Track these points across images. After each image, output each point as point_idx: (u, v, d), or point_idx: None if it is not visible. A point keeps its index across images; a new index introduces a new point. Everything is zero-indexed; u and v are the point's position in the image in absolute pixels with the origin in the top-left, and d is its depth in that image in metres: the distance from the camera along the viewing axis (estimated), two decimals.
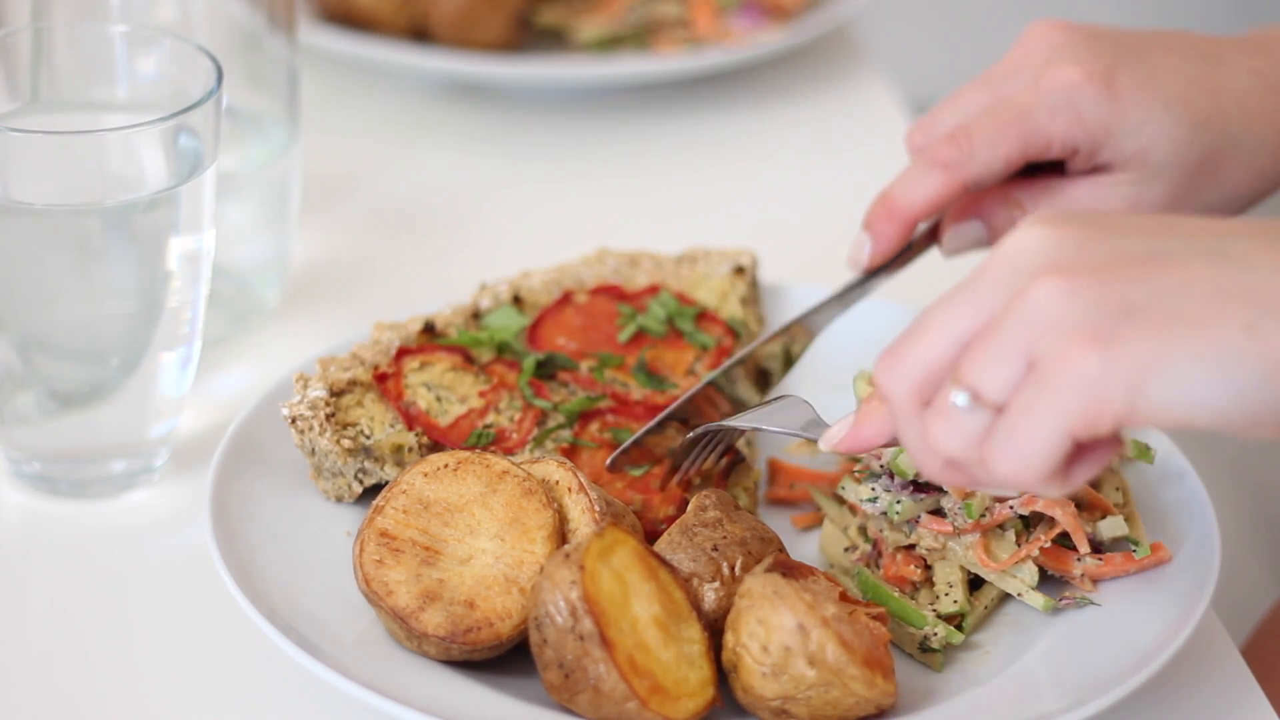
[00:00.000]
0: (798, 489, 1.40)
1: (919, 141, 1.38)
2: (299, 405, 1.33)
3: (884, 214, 1.35)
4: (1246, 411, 0.98)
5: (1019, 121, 1.32)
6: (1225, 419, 0.98)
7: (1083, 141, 1.33)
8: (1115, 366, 0.97)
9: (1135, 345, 0.97)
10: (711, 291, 1.50)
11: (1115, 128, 1.32)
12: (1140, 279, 0.99)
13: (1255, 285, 0.99)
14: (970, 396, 1.01)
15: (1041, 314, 0.99)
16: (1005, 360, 1.00)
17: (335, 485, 1.34)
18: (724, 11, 2.05)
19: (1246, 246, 1.01)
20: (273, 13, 1.56)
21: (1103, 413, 0.98)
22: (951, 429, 1.03)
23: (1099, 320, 0.98)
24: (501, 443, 1.35)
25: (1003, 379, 1.00)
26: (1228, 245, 1.01)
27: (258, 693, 1.25)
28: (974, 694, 1.21)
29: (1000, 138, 1.32)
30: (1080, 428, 0.99)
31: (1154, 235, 1.02)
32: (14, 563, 1.36)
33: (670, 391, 1.40)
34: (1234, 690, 1.26)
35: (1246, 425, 0.98)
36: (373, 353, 1.39)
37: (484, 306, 1.45)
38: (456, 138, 1.96)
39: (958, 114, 1.36)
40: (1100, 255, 1.01)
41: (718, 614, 1.20)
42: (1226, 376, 0.97)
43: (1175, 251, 1.01)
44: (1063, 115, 1.32)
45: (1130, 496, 1.33)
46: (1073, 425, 0.99)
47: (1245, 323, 0.97)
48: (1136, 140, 1.33)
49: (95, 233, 1.32)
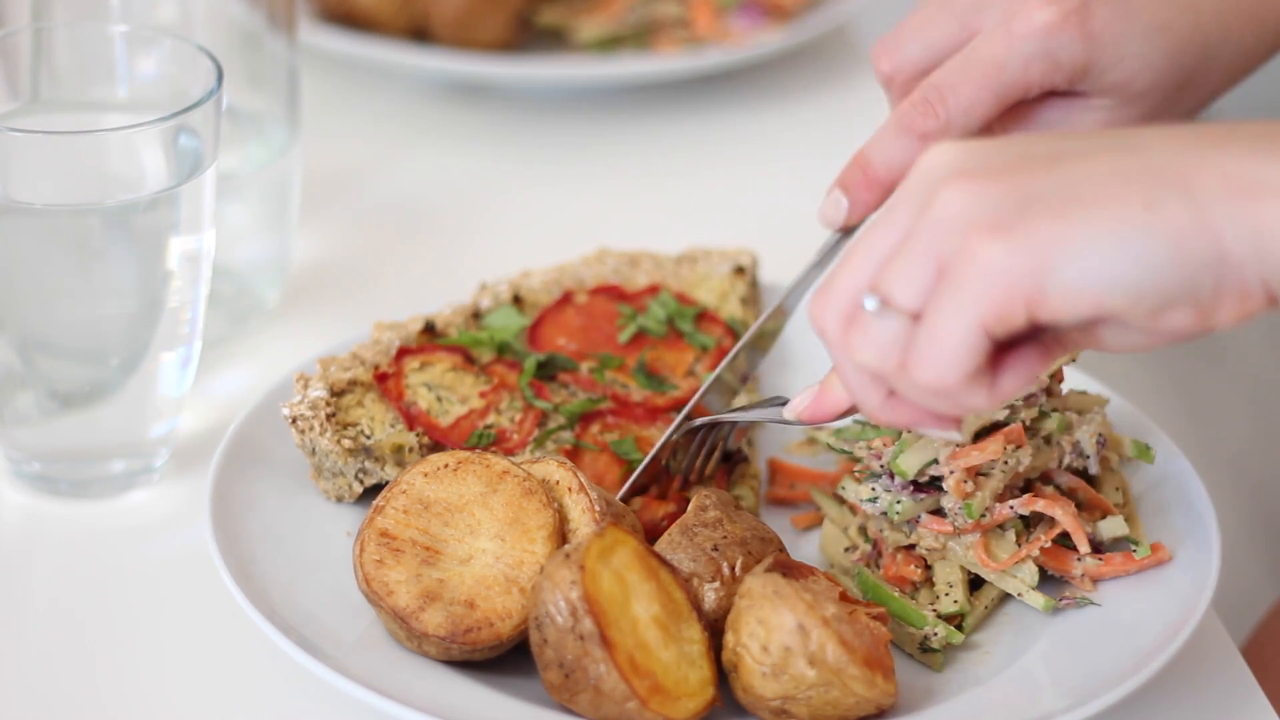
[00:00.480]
0: (798, 489, 1.40)
1: (888, 69, 1.33)
2: (299, 405, 1.33)
3: (863, 182, 1.32)
4: (1158, 289, 0.98)
5: (994, 77, 1.28)
6: (1138, 299, 0.98)
7: (1060, 83, 1.30)
8: (1017, 250, 0.98)
9: (1035, 228, 0.98)
10: (711, 291, 1.50)
11: (1093, 66, 1.29)
12: (1043, 173, 1.00)
13: (1154, 165, 0.99)
14: (880, 301, 1.02)
15: (946, 215, 1.00)
16: (914, 264, 1.01)
17: (336, 485, 1.34)
18: (724, 11, 2.05)
19: (1149, 136, 1.02)
20: (273, 13, 1.56)
21: (1011, 300, 0.98)
22: (866, 338, 1.03)
23: (1001, 212, 0.99)
24: (502, 443, 1.35)
25: (913, 283, 1.01)
26: (1131, 138, 1.02)
27: (258, 693, 1.25)
28: (974, 694, 1.21)
29: (976, 99, 1.29)
30: (991, 318, 0.99)
31: (1061, 140, 1.03)
32: (14, 563, 1.36)
33: (670, 393, 1.40)
34: (1234, 690, 1.26)
35: (1160, 305, 0.98)
36: (373, 353, 1.39)
37: (484, 306, 1.46)
38: (456, 138, 1.96)
39: (924, 44, 1.32)
40: (1006, 159, 1.02)
41: (718, 614, 1.20)
42: (1131, 253, 0.97)
43: (1079, 149, 1.02)
44: (1038, 64, 1.28)
45: (1130, 496, 1.33)
46: (983, 316, 0.99)
47: (1145, 200, 0.98)
48: (1116, 73, 1.30)
49: (95, 233, 1.32)
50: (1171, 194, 0.98)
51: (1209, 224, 0.97)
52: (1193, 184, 0.98)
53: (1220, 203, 0.97)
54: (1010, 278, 0.98)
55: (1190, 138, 1.01)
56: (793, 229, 1.81)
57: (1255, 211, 0.97)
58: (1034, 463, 1.29)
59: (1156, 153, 1.00)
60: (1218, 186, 0.98)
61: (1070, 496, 1.30)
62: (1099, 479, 1.32)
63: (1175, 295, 0.98)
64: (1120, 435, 1.35)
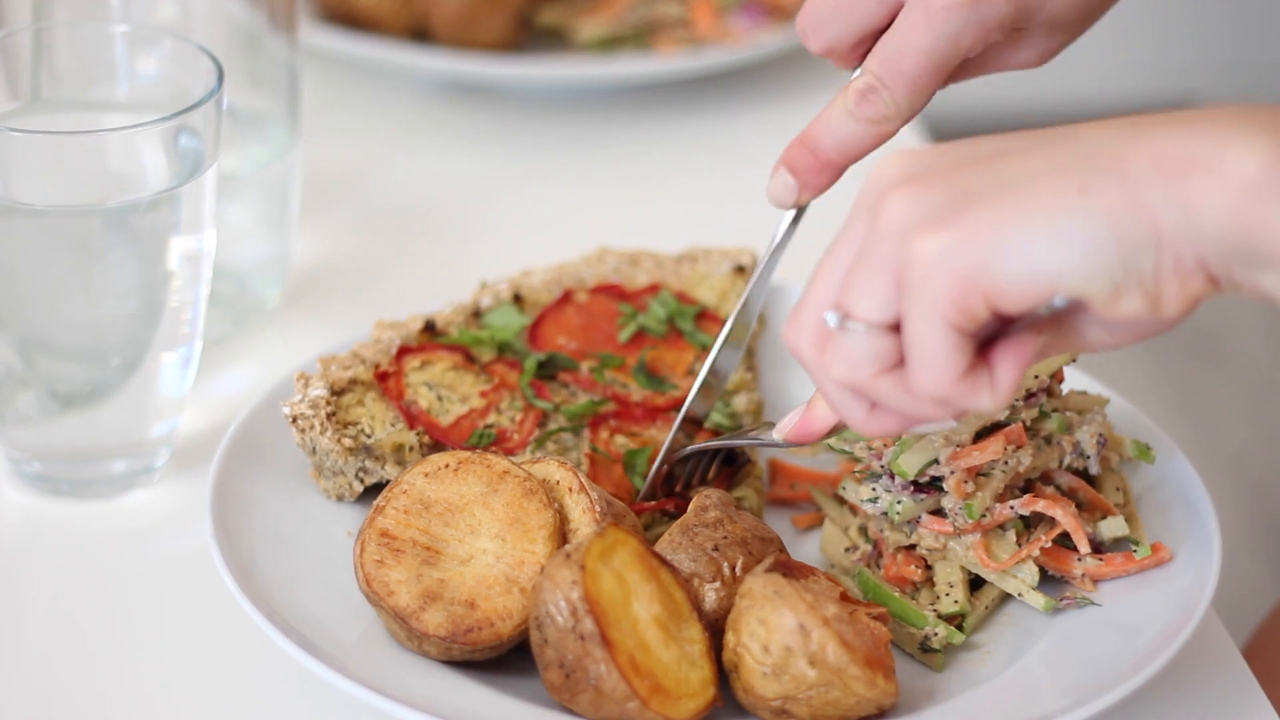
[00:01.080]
0: (798, 489, 1.40)
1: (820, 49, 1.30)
2: (300, 404, 1.33)
3: (814, 165, 1.30)
4: (1104, 272, 0.98)
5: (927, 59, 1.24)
6: (1087, 281, 0.98)
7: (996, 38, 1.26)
8: (955, 243, 0.99)
9: (971, 219, 0.99)
10: (712, 290, 1.50)
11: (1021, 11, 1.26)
12: (981, 170, 1.01)
13: (1088, 152, 1.00)
14: (840, 316, 1.03)
15: (891, 223, 1.01)
16: (870, 275, 1.02)
17: (336, 484, 1.34)
18: (724, 11, 2.05)
19: (1085, 127, 1.02)
20: (273, 13, 1.56)
21: (965, 293, 0.99)
22: (838, 355, 1.04)
23: (938, 210, 1.00)
24: (503, 443, 1.35)
25: (872, 293, 1.02)
26: (1067, 131, 1.02)
27: (258, 693, 1.25)
28: (974, 694, 1.21)
29: (917, 83, 1.25)
30: (953, 314, 0.99)
31: (1003, 140, 1.03)
32: (14, 563, 1.36)
33: (670, 393, 1.40)
34: (1234, 690, 1.26)
35: (1111, 290, 0.99)
36: (373, 351, 1.39)
37: (484, 305, 1.46)
38: (456, 138, 1.96)
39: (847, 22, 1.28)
40: (950, 160, 1.03)
41: (718, 614, 1.20)
42: (1072, 238, 0.98)
43: (1019, 146, 1.02)
44: (969, 33, 1.24)
45: (1130, 496, 1.33)
46: (945, 314, 1.00)
47: (1080, 185, 0.98)
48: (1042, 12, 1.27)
49: (96, 233, 1.32)
50: (1105, 177, 0.98)
51: (1142, 203, 0.98)
52: (1125, 165, 0.98)
53: (1152, 181, 0.98)
54: (954, 270, 0.99)
55: (1125, 125, 1.02)
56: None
57: (1184, 187, 0.97)
58: (1034, 463, 1.29)
59: (1090, 140, 1.01)
60: (1148, 165, 0.98)
61: (1071, 497, 1.30)
62: (1099, 479, 1.32)
63: (1120, 279, 0.99)
64: (1120, 435, 1.35)
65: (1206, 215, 0.97)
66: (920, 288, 1.00)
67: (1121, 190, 0.98)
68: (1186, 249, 0.98)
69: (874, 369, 1.04)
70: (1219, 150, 0.97)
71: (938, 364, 1.01)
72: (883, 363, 1.04)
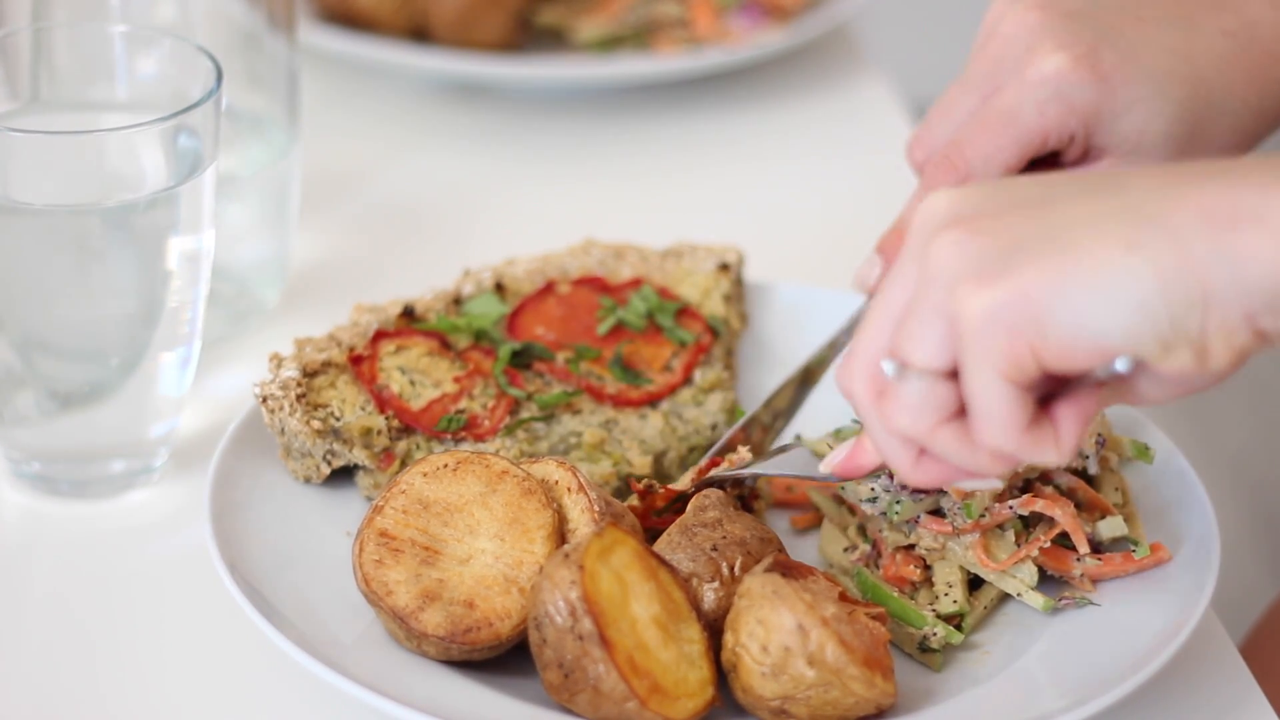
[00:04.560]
0: (797, 489, 1.40)
1: (920, 157, 1.35)
2: (271, 385, 1.33)
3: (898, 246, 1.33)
4: (1152, 330, 0.98)
5: (1010, 126, 1.30)
6: (1136, 340, 0.98)
7: (1077, 129, 1.31)
8: (1003, 301, 0.99)
9: (1020, 277, 0.98)
10: (695, 287, 1.50)
11: (1106, 110, 1.30)
12: (1029, 219, 1.01)
13: (1132, 205, 0.99)
14: (898, 365, 1.03)
15: (940, 270, 1.01)
16: (923, 323, 1.02)
17: (304, 466, 1.34)
18: (724, 11, 2.05)
19: (1131, 176, 1.02)
20: (273, 13, 1.56)
21: (1015, 348, 0.99)
22: (898, 406, 1.04)
23: (987, 263, 1.00)
24: (473, 429, 1.35)
25: (925, 342, 1.02)
26: (1115, 179, 1.02)
27: (258, 693, 1.25)
28: (974, 694, 1.21)
29: (995, 148, 1.30)
30: (1007, 370, 0.99)
31: (1050, 183, 1.03)
32: (14, 563, 1.36)
33: (645, 387, 1.41)
34: (1234, 690, 1.26)
35: (1160, 351, 0.99)
36: (350, 334, 1.39)
37: (466, 292, 1.46)
38: (456, 138, 1.96)
39: (950, 122, 1.35)
40: (997, 203, 1.02)
41: (717, 614, 1.20)
42: (1119, 295, 0.98)
43: (1066, 192, 1.02)
44: (1053, 107, 1.30)
45: (1130, 496, 1.33)
46: (999, 368, 0.99)
47: (1125, 241, 0.98)
48: (1129, 121, 1.30)
49: (95, 233, 1.32)
50: (1152, 231, 0.98)
51: (1190, 260, 0.97)
52: (1172, 218, 0.98)
53: (1199, 236, 0.97)
54: (1003, 327, 0.99)
55: (1170, 174, 1.01)
56: (793, 228, 1.81)
57: (1233, 241, 0.97)
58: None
59: (1136, 192, 1.00)
60: (1196, 219, 0.98)
61: (1069, 496, 1.30)
62: (1098, 479, 1.32)
63: (1169, 337, 0.98)
64: (1120, 435, 1.35)
65: (1253, 268, 0.97)
66: (973, 342, 1.00)
67: (1169, 246, 0.97)
68: (1234, 306, 0.98)
69: (936, 418, 1.03)
70: (1265, 200, 0.97)
71: (1000, 417, 1.01)
72: (944, 411, 1.03)
